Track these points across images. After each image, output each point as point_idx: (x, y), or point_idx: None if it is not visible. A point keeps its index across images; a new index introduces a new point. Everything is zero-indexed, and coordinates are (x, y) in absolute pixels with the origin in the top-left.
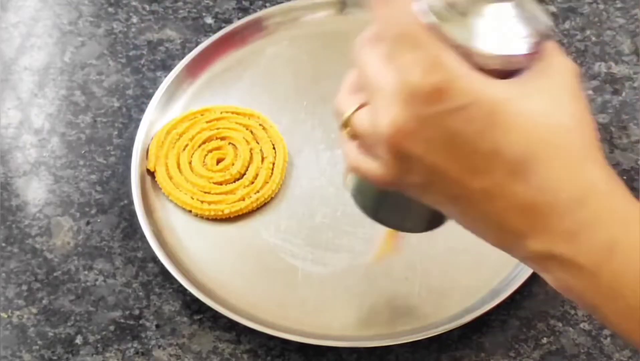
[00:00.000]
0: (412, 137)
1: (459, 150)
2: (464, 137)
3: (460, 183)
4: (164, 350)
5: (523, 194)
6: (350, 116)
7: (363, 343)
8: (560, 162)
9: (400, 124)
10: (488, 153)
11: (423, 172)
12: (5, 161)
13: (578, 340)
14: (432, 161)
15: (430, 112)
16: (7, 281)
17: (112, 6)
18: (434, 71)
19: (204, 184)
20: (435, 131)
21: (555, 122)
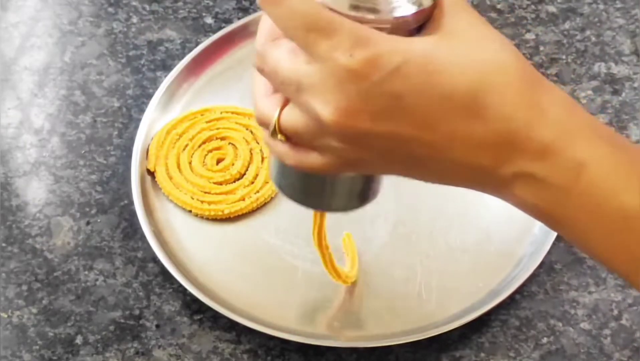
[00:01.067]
0: (359, 116)
1: (407, 110)
2: (408, 97)
3: (418, 141)
4: (164, 350)
5: (484, 131)
6: (277, 120)
7: (363, 343)
8: (510, 89)
9: (343, 108)
10: (436, 103)
11: (378, 144)
12: (5, 161)
13: (578, 340)
14: (385, 130)
15: (368, 85)
16: (7, 281)
17: (112, 6)
18: (357, 46)
19: (204, 184)
20: (378, 101)
21: (490, 54)
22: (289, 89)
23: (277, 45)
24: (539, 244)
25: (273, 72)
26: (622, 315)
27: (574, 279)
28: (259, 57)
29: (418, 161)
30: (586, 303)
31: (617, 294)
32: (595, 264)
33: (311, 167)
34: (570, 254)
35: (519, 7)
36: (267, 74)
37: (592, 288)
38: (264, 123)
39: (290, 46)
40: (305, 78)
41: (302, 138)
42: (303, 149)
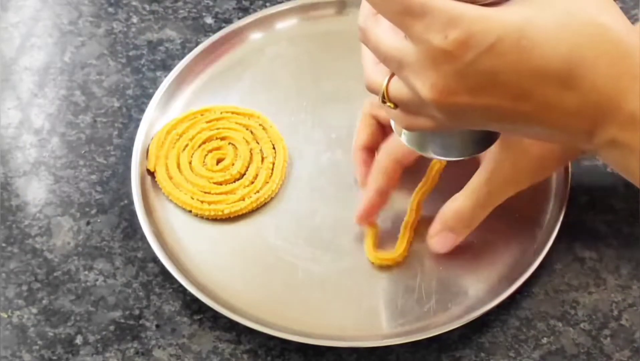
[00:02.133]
0: (456, 93)
1: (502, 85)
2: (502, 72)
3: (514, 110)
4: (164, 350)
5: (578, 100)
6: (385, 88)
7: (363, 343)
8: (601, 61)
9: (441, 87)
10: (530, 76)
11: (477, 114)
12: (5, 161)
13: (578, 340)
14: (482, 103)
15: (463, 64)
16: (7, 281)
17: (112, 6)
18: (449, 27)
19: (204, 184)
20: (474, 79)
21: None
22: (391, 65)
23: (378, 21)
24: (539, 245)
25: (375, 48)
26: (622, 315)
27: (574, 279)
28: (361, 32)
29: (517, 124)
30: (586, 304)
31: (617, 295)
32: (595, 264)
33: (421, 127)
34: (571, 255)
35: None
36: (371, 49)
37: (592, 289)
38: (373, 90)
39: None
40: (404, 56)
41: (408, 107)
42: (411, 114)
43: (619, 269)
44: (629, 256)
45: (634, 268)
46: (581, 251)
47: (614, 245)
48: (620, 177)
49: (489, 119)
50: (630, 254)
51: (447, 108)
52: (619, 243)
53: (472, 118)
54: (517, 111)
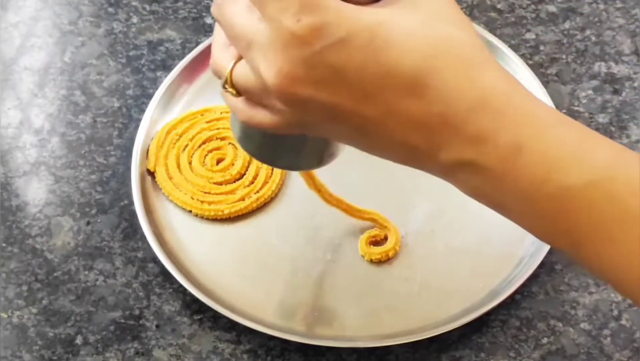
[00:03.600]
0: (300, 82)
1: (348, 82)
2: (350, 69)
3: (356, 113)
4: (164, 350)
5: (420, 111)
6: (229, 73)
7: (363, 343)
8: (454, 72)
9: (285, 72)
10: (377, 78)
11: (319, 111)
12: (5, 161)
13: (578, 340)
14: (325, 99)
15: (312, 53)
16: (7, 281)
17: (112, 6)
18: (304, 12)
19: (204, 184)
20: (321, 70)
21: (440, 33)
22: (240, 44)
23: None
24: (539, 245)
25: (228, 25)
26: (622, 316)
27: (574, 279)
28: (216, 7)
29: (358, 132)
30: (586, 304)
31: (617, 295)
32: None
33: (259, 123)
34: None
35: (519, 6)
36: (223, 26)
37: (592, 289)
38: (217, 74)
39: (247, 3)
40: (255, 35)
41: (251, 95)
42: (253, 105)
43: None
44: None
45: None
46: None
47: None
48: None
49: (328, 120)
50: None
51: (289, 97)
52: None
53: (311, 115)
54: (359, 114)
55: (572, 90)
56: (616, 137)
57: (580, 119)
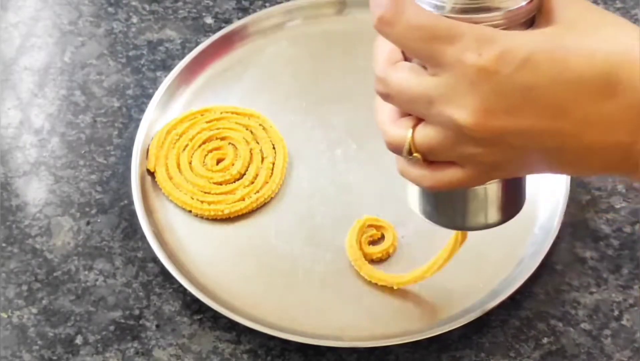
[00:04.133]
0: (497, 114)
1: (541, 101)
2: (539, 87)
3: (554, 131)
4: (164, 350)
5: (617, 108)
6: (411, 139)
7: (363, 343)
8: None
9: (481, 108)
10: (568, 89)
11: (516, 142)
12: (5, 161)
13: (578, 340)
14: (522, 124)
15: (500, 80)
16: (7, 281)
17: (112, 6)
18: (482, 46)
19: (204, 184)
20: (513, 95)
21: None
22: (419, 106)
23: (398, 67)
24: (539, 245)
25: (399, 93)
26: (622, 316)
27: (575, 279)
28: (381, 82)
29: (555, 152)
30: (587, 304)
31: (617, 295)
32: (596, 264)
33: (450, 182)
34: (571, 255)
35: None
36: (393, 97)
37: (592, 289)
38: (397, 148)
39: (410, 66)
40: (434, 90)
41: (439, 153)
42: (439, 166)
43: (619, 269)
44: (630, 256)
45: (634, 268)
46: (582, 251)
47: (614, 245)
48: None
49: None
50: (631, 254)
51: (488, 133)
52: (620, 243)
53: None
54: (556, 131)
55: None
56: None
57: None
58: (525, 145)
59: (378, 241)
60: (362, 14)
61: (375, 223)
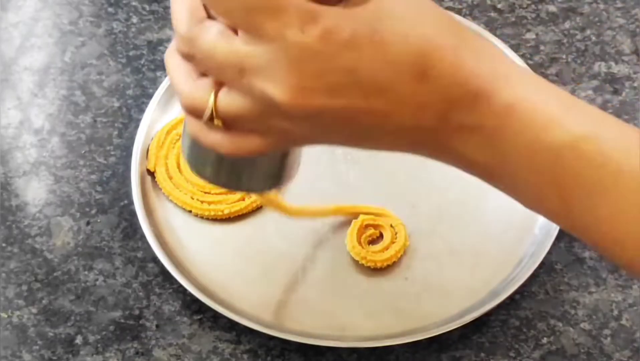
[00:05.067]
0: (315, 93)
1: (361, 82)
2: (361, 68)
3: (369, 110)
4: (164, 350)
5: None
6: (213, 105)
7: (363, 343)
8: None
9: (299, 86)
10: (386, 71)
11: (329, 120)
12: (5, 161)
13: (578, 340)
14: (339, 104)
15: (322, 61)
16: (7, 281)
17: (112, 6)
18: (307, 23)
19: (204, 184)
20: (333, 76)
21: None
22: (227, 73)
23: (207, 28)
24: (539, 245)
25: (207, 58)
26: (622, 315)
27: (574, 279)
28: (187, 42)
29: (365, 130)
30: (586, 303)
31: (617, 295)
32: (596, 264)
33: (250, 150)
34: (571, 255)
35: (519, 6)
36: (199, 60)
37: (592, 288)
38: (195, 112)
39: (220, 28)
40: (248, 60)
41: (244, 122)
42: (240, 133)
43: (619, 269)
44: None
45: None
46: (581, 250)
47: None
48: None
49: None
50: None
51: (302, 112)
52: None
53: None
54: (371, 111)
55: (572, 90)
56: None
57: None
58: (339, 122)
59: (377, 240)
60: None
61: (373, 223)
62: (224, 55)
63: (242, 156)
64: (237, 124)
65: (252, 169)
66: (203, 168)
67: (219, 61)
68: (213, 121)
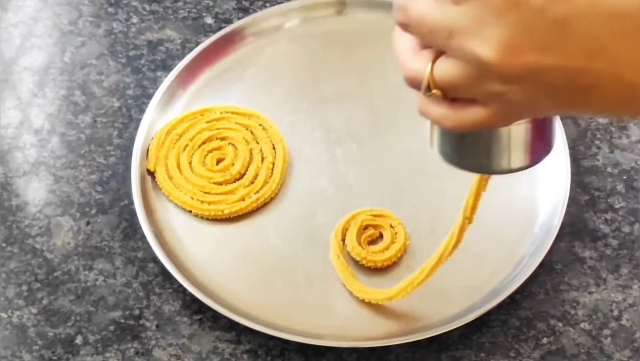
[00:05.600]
0: (524, 49)
1: (576, 37)
2: (573, 21)
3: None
4: (164, 350)
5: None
6: (430, 73)
7: (363, 343)
8: None
9: (507, 42)
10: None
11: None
12: (5, 161)
13: (578, 340)
14: (553, 62)
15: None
16: (7, 281)
17: (112, 6)
18: None
19: (204, 184)
20: (544, 30)
21: None
22: (440, 38)
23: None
24: (539, 244)
25: (418, 23)
26: (622, 315)
27: (574, 279)
28: (401, 10)
29: (585, 92)
30: (586, 303)
31: (617, 295)
32: (596, 264)
33: (473, 122)
34: (571, 255)
35: None
36: (413, 26)
37: (592, 288)
38: (415, 82)
39: None
40: (457, 20)
41: (461, 89)
42: (462, 104)
43: (619, 269)
44: (629, 255)
45: (634, 268)
46: (581, 250)
47: (614, 245)
48: (620, 177)
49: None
50: (630, 254)
51: (513, 72)
52: (619, 243)
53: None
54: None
55: None
56: (616, 137)
57: (581, 119)
58: (556, 83)
59: (377, 240)
60: (362, 14)
61: (373, 223)
62: (433, 19)
63: (467, 129)
64: (456, 93)
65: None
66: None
67: (429, 24)
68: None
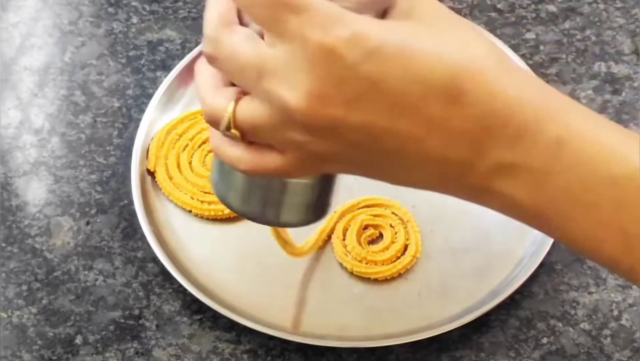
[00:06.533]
0: (331, 101)
1: (384, 96)
2: (385, 81)
3: (393, 131)
4: (164, 350)
5: (462, 117)
6: (232, 113)
7: (363, 343)
8: (486, 74)
9: (315, 92)
10: (414, 89)
11: (349, 138)
12: (5, 161)
13: (578, 340)
14: (358, 120)
15: (344, 67)
16: (7, 281)
17: (112, 6)
18: (331, 24)
19: (204, 184)
20: (355, 85)
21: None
22: (248, 77)
23: (232, 30)
24: (539, 245)
25: (228, 58)
26: (622, 315)
27: (574, 279)
28: (212, 43)
29: (390, 156)
30: (586, 304)
31: (617, 295)
32: (595, 264)
33: (267, 168)
34: (571, 255)
35: (519, 6)
36: (222, 61)
37: (592, 289)
38: (214, 119)
39: (247, 32)
40: (268, 62)
41: (261, 133)
42: (260, 148)
43: None
44: None
45: None
46: None
47: None
48: None
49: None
50: None
51: (317, 122)
52: None
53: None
54: (396, 132)
55: (572, 90)
56: None
57: None
58: (360, 141)
59: (377, 240)
60: None
61: (373, 223)
62: (246, 57)
63: (261, 175)
64: (255, 136)
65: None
66: (227, 193)
67: (239, 62)
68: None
